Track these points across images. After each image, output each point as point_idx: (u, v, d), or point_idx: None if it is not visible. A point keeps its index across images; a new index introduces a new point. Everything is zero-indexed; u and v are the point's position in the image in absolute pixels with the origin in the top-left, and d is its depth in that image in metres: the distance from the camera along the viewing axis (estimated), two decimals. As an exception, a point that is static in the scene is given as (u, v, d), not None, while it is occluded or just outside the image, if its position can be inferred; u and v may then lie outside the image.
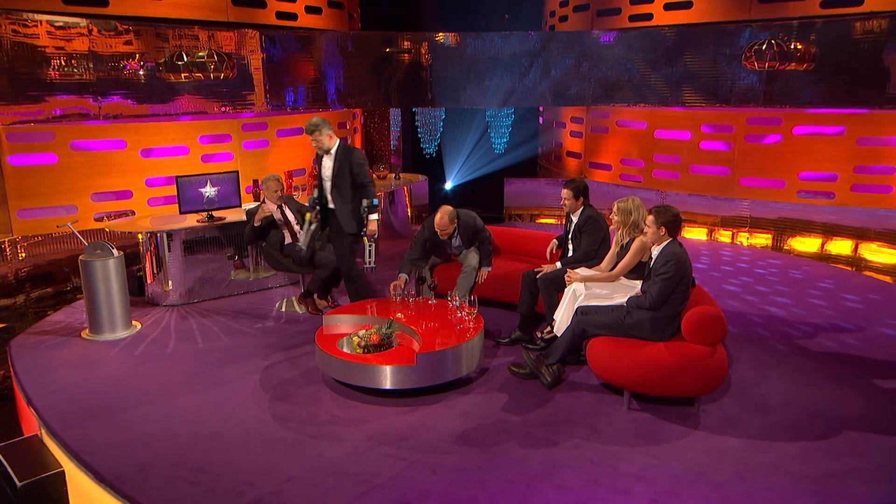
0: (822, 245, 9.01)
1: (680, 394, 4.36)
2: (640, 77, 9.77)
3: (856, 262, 8.60)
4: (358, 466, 3.81)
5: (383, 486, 3.62)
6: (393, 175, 9.53)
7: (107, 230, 7.25)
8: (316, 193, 5.83)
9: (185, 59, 8.21)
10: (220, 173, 6.70)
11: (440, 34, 10.14)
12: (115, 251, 5.75)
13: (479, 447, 4.01)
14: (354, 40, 9.93)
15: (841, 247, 8.79)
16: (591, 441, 4.08)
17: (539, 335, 5.38)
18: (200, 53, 8.23)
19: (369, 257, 5.60)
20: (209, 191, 6.62)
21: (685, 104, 9.50)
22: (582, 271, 5.24)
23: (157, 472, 3.74)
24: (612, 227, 5.20)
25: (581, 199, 5.71)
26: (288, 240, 6.27)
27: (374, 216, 5.61)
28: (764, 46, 8.57)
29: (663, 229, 4.46)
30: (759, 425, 4.25)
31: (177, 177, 6.49)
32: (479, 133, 13.04)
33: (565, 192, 5.71)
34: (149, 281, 6.69)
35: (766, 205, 9.17)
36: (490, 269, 6.07)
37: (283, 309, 6.47)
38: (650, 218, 4.49)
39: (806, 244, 8.98)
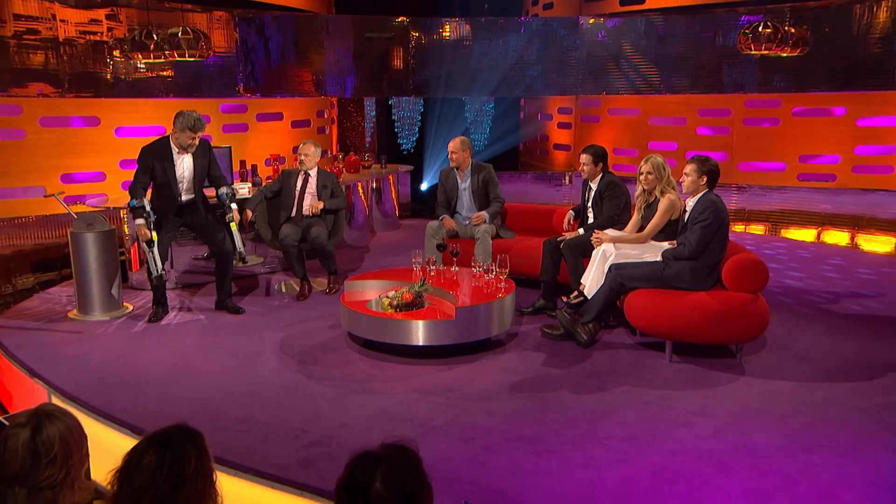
0: (818, 235, 9.56)
1: (725, 340, 4.68)
2: (632, 64, 10.26)
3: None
4: (410, 413, 3.98)
5: (442, 427, 3.81)
6: (379, 165, 9.74)
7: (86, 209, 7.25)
8: (146, 203, 5.45)
9: (156, 38, 8.29)
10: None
11: (423, 20, 10.47)
12: (106, 224, 5.81)
13: (531, 394, 4.23)
14: (333, 24, 10.17)
15: (837, 237, 9.32)
16: (641, 387, 4.35)
17: (565, 299, 5.64)
18: (173, 30, 8.27)
19: (241, 242, 5.73)
20: (201, 166, 6.71)
21: (679, 92, 10.02)
22: (611, 232, 5.54)
23: (200, 426, 3.81)
24: (644, 186, 5.50)
25: (600, 164, 6.05)
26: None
27: (235, 205, 5.79)
28: (760, 28, 9.16)
29: (704, 178, 4.80)
30: (804, 371, 4.59)
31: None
32: (459, 127, 13.36)
33: (584, 158, 6.05)
34: (133, 267, 6.72)
35: (761, 196, 9.70)
36: (488, 217, 6.42)
37: (284, 290, 6.59)
38: (691, 167, 4.83)
39: (802, 235, 9.51)
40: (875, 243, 8.69)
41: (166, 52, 8.20)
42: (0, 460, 1.96)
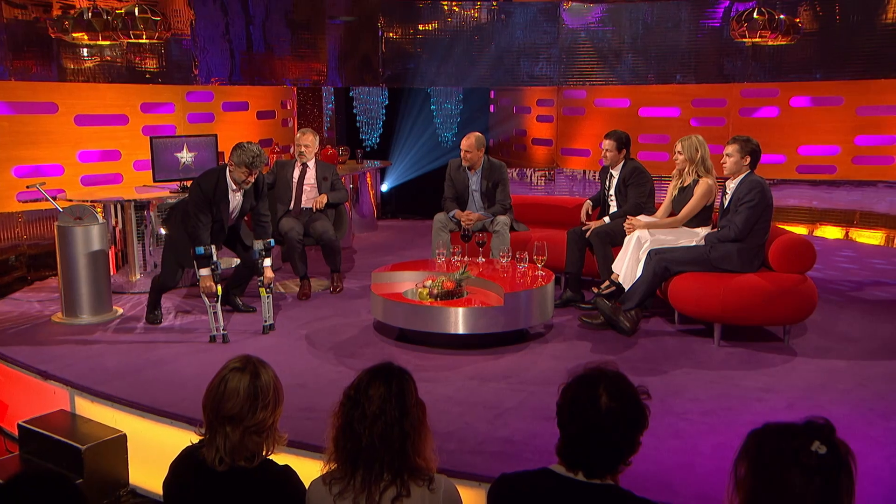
0: (811, 233, 10.37)
1: (775, 322, 5.23)
2: (619, 53, 10.91)
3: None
4: (477, 398, 4.35)
5: (516, 409, 4.19)
6: (355, 160, 10.07)
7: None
8: (213, 252, 5.43)
9: (105, 17, 8.33)
10: (197, 136, 7.06)
11: (393, 5, 10.88)
12: (99, 216, 5.98)
13: (594, 378, 4.65)
14: (295, 6, 10.46)
15: (831, 232, 10.12)
16: (700, 369, 4.84)
17: (596, 290, 6.09)
18: (128, 7, 8.23)
19: (269, 312, 5.65)
20: (185, 156, 6.95)
21: (670, 81, 10.71)
22: (643, 218, 6.04)
23: (260, 415, 4.10)
24: (675, 168, 6.04)
25: (623, 151, 6.60)
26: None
27: (269, 261, 5.67)
28: (755, 14, 9.94)
29: (747, 159, 5.36)
30: (854, 351, 5.19)
31: (151, 138, 6.79)
32: (425, 121, 13.77)
33: (607, 144, 6.58)
34: (111, 270, 6.85)
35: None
36: (491, 217, 6.78)
37: (282, 290, 6.85)
38: (733, 147, 5.38)
39: (801, 230, 10.28)
40: (873, 239, 9.48)
41: (119, 32, 8.28)
42: (221, 398, 2.26)
